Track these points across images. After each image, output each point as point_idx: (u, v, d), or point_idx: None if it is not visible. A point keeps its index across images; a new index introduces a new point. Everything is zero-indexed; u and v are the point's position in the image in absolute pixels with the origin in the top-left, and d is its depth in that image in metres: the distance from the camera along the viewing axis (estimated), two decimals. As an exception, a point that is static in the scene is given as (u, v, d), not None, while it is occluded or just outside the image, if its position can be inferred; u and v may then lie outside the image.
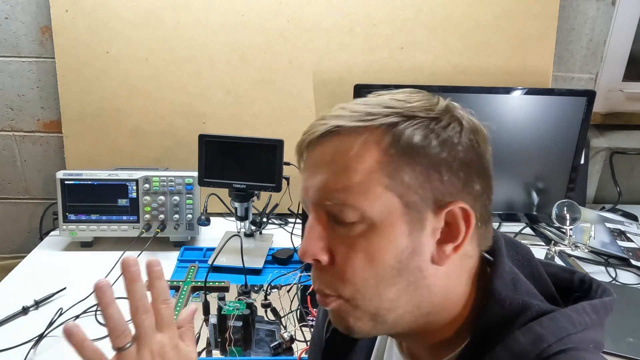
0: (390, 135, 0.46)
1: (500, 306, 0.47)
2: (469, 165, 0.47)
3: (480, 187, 0.48)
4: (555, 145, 1.39)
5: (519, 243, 0.56)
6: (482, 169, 0.49)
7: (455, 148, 0.46)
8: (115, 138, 1.52)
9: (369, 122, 0.46)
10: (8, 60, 1.48)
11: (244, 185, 1.27)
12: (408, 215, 0.46)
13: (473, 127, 0.49)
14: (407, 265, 0.46)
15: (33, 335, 0.99)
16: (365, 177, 0.46)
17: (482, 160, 0.49)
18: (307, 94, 1.52)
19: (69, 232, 1.34)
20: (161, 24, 1.44)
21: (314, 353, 0.71)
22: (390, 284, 0.47)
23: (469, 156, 0.47)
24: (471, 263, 0.50)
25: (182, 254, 1.33)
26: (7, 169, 1.59)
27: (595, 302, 0.48)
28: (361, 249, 0.46)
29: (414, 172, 0.45)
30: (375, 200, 0.45)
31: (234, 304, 1.01)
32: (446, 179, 0.46)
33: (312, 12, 1.45)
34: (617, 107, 1.68)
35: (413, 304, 0.48)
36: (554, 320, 0.45)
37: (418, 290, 0.48)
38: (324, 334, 0.66)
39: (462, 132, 0.47)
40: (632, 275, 1.29)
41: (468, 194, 0.47)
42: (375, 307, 0.48)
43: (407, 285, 0.47)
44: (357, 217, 0.46)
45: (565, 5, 1.52)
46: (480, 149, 0.49)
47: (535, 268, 0.53)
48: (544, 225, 1.51)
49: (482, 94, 1.35)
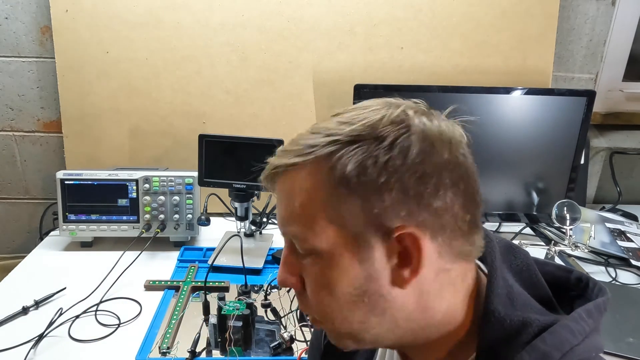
0: (327, 167, 0.45)
1: (500, 325, 0.46)
2: (421, 182, 0.44)
3: (446, 199, 0.44)
4: (555, 145, 1.39)
5: (517, 247, 0.55)
6: (449, 178, 0.45)
7: (399, 169, 0.43)
8: (115, 138, 1.52)
9: (306, 156, 0.46)
10: (8, 60, 1.48)
11: (244, 185, 1.27)
12: (356, 244, 0.45)
13: (433, 137, 0.45)
14: (365, 291, 0.46)
15: (33, 335, 0.99)
16: (308, 211, 0.46)
17: (445, 170, 0.45)
18: (307, 94, 1.52)
19: (69, 232, 1.34)
20: (161, 24, 1.44)
21: (314, 357, 0.71)
22: (354, 309, 0.47)
23: (422, 171, 0.44)
24: (453, 275, 0.48)
25: (182, 254, 1.33)
26: (7, 169, 1.59)
27: (589, 306, 0.48)
28: (318, 278, 0.48)
29: (352, 201, 0.44)
30: (321, 234, 0.46)
31: (234, 304, 1.00)
32: (388, 204, 0.44)
33: (312, 12, 1.45)
34: (617, 107, 1.68)
35: (388, 323, 0.48)
36: (556, 334, 0.45)
37: (387, 312, 0.47)
38: (323, 339, 0.66)
39: (410, 147, 0.44)
40: (632, 275, 1.29)
41: (425, 211, 0.44)
42: (347, 329, 0.49)
43: (373, 308, 0.47)
44: (308, 250, 0.47)
45: (565, 5, 1.52)
46: (443, 158, 0.45)
47: (534, 273, 0.53)
48: (544, 225, 1.51)
49: (482, 94, 1.35)
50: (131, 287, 1.18)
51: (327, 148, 0.45)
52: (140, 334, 1.01)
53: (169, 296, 1.15)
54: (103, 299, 1.12)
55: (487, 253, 0.52)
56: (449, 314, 0.49)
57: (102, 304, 1.11)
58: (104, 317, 1.08)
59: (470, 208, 0.46)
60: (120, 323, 1.06)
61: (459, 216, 0.45)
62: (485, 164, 1.38)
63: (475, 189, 0.47)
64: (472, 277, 0.50)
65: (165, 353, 0.96)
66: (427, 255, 0.45)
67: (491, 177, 1.40)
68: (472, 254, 0.49)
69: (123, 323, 1.06)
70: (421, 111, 0.48)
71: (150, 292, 1.17)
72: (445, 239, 0.46)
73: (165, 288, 1.17)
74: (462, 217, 0.46)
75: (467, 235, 0.47)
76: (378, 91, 1.36)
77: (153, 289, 1.18)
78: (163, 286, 1.18)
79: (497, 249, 0.52)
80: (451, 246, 0.46)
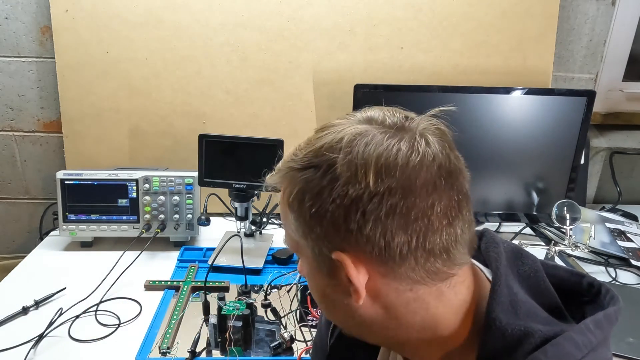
0: (286, 190, 0.49)
1: (501, 334, 0.45)
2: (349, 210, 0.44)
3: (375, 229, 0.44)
4: (555, 145, 1.39)
5: (526, 253, 0.54)
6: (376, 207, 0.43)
7: (326, 200, 0.45)
8: (115, 138, 1.52)
9: (278, 177, 0.51)
10: (8, 60, 1.48)
11: (244, 185, 1.27)
12: (314, 258, 0.50)
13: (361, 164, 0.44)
14: (333, 299, 0.51)
15: (33, 335, 0.99)
16: (285, 221, 0.52)
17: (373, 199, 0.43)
18: (307, 94, 1.52)
19: (69, 232, 1.34)
20: (161, 24, 1.44)
21: (317, 357, 0.71)
22: (330, 312, 0.54)
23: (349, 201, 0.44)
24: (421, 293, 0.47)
25: (182, 254, 1.33)
26: (7, 169, 1.59)
27: (598, 316, 0.46)
28: (305, 274, 0.54)
29: (298, 224, 0.49)
30: (293, 241, 0.52)
31: (234, 304, 1.00)
32: (320, 233, 0.46)
33: (312, 12, 1.45)
34: (617, 107, 1.68)
35: (363, 327, 0.51)
36: (558, 347, 0.43)
37: (356, 319, 0.50)
38: (329, 340, 0.66)
39: (338, 177, 0.44)
40: (632, 275, 1.29)
41: (353, 240, 0.45)
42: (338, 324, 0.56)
43: (345, 314, 0.51)
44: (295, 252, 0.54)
45: (565, 5, 1.52)
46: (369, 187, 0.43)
47: (542, 280, 0.51)
48: (544, 225, 1.51)
49: (482, 94, 1.35)
50: (131, 287, 1.18)
51: (288, 174, 0.49)
52: (140, 334, 1.01)
53: (169, 296, 1.15)
54: (103, 299, 1.12)
55: (493, 259, 0.51)
56: (431, 324, 0.48)
57: (102, 304, 1.11)
58: (104, 317, 1.08)
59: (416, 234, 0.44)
60: (120, 323, 1.06)
61: (398, 243, 0.44)
62: (485, 164, 1.39)
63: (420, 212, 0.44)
64: (465, 291, 0.49)
65: (165, 353, 0.96)
66: (358, 281, 0.46)
67: (491, 177, 1.40)
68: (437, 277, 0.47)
69: (123, 323, 1.06)
70: (387, 126, 0.46)
71: (150, 292, 1.17)
72: (387, 264, 0.45)
73: (165, 288, 1.17)
74: (402, 244, 0.44)
75: (418, 261, 0.45)
76: (378, 91, 1.36)
77: (153, 289, 1.18)
78: (163, 286, 1.18)
79: (503, 255, 0.51)
80: (397, 272, 0.46)
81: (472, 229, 0.49)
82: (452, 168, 0.46)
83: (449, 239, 0.46)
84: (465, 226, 0.47)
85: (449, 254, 0.46)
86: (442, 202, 0.45)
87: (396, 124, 0.47)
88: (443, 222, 0.45)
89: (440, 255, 0.46)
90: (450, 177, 0.46)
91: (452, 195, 0.45)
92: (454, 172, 0.46)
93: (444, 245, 0.45)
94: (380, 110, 0.49)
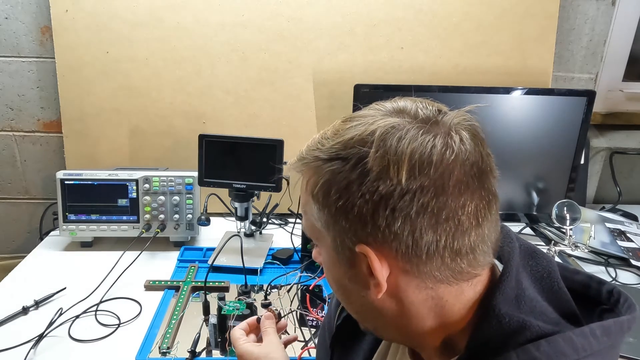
0: (309, 180, 0.49)
1: (498, 321, 0.45)
2: (378, 205, 0.43)
3: (403, 226, 0.43)
4: (555, 145, 1.39)
5: (541, 253, 0.53)
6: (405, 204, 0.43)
7: (355, 193, 0.44)
8: (115, 138, 1.52)
9: (303, 166, 0.50)
10: (8, 60, 1.48)
11: (244, 185, 1.27)
12: (335, 249, 0.49)
13: (394, 159, 0.43)
14: (350, 290, 0.51)
15: (33, 335, 0.99)
16: (306, 209, 0.51)
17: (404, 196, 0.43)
18: (307, 94, 1.52)
19: (69, 232, 1.34)
20: (161, 24, 1.44)
21: (323, 338, 0.72)
22: (346, 302, 0.54)
23: (379, 196, 0.43)
24: (441, 292, 0.47)
25: (182, 254, 1.33)
26: (7, 169, 1.59)
27: (608, 323, 0.45)
28: (324, 263, 0.53)
29: (323, 215, 0.48)
30: (314, 229, 0.51)
31: (234, 304, 1.01)
32: (346, 225, 0.46)
33: (312, 12, 1.45)
34: (617, 107, 1.68)
35: (378, 321, 0.51)
36: (553, 343, 0.42)
37: (372, 311, 0.50)
38: (335, 321, 0.67)
39: (369, 170, 0.43)
40: (632, 275, 1.29)
41: (380, 234, 0.44)
42: (352, 314, 0.55)
43: (360, 305, 0.51)
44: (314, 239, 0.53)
45: (565, 5, 1.52)
46: (402, 182, 0.43)
47: (556, 282, 0.50)
48: (544, 225, 1.51)
49: (482, 94, 1.35)
50: (131, 287, 1.18)
51: (313, 163, 0.48)
52: (140, 334, 1.01)
53: (169, 296, 1.15)
54: (103, 299, 1.12)
55: (506, 253, 0.51)
56: (443, 318, 0.49)
57: (102, 304, 1.11)
58: (104, 317, 1.08)
59: (445, 233, 0.44)
60: (120, 323, 1.06)
61: (426, 242, 0.44)
62: (485, 164, 1.39)
63: (450, 212, 0.43)
64: (480, 287, 0.49)
65: (165, 353, 0.96)
66: (381, 275, 0.46)
67: (491, 177, 1.40)
68: (461, 277, 0.47)
69: (123, 323, 1.06)
70: (420, 120, 0.45)
71: (150, 292, 1.16)
72: (412, 262, 0.45)
73: (165, 288, 1.17)
74: (430, 243, 0.44)
75: (444, 260, 0.45)
76: (378, 91, 1.37)
77: (153, 289, 1.18)
78: (163, 286, 1.18)
79: (516, 252, 0.51)
80: (421, 270, 0.45)
81: (497, 228, 0.49)
82: (484, 166, 0.46)
83: (476, 240, 0.45)
84: (492, 226, 0.47)
85: (475, 254, 0.46)
86: (473, 202, 0.44)
87: (430, 117, 0.46)
88: (472, 223, 0.44)
89: (466, 255, 0.45)
90: (482, 176, 0.45)
91: (483, 195, 0.45)
92: (485, 170, 0.46)
93: (472, 246, 0.45)
94: (412, 101, 0.48)
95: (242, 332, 0.78)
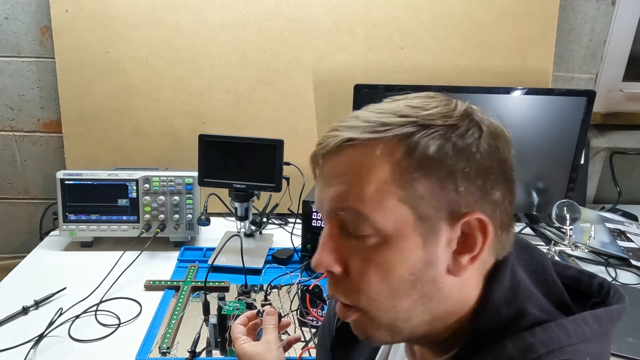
0: (404, 147, 0.44)
1: (496, 312, 0.46)
2: (488, 172, 0.45)
3: (501, 194, 0.46)
4: (555, 145, 1.39)
5: (535, 248, 0.54)
6: (503, 175, 0.47)
7: (472, 157, 0.45)
8: (115, 138, 1.52)
9: (382, 133, 0.45)
10: (8, 60, 1.48)
11: (244, 185, 1.27)
12: (422, 227, 0.45)
13: (494, 132, 0.47)
14: (421, 277, 0.46)
15: (33, 335, 0.99)
16: (379, 188, 0.45)
17: (502, 166, 0.47)
18: (307, 94, 1.52)
19: (69, 232, 1.34)
20: (161, 24, 1.44)
21: (323, 340, 0.72)
22: (404, 296, 0.47)
23: (488, 163, 0.45)
24: (485, 270, 0.49)
25: (182, 254, 1.33)
26: (7, 169, 1.59)
27: (599, 311, 0.47)
28: (374, 262, 0.46)
29: (428, 183, 0.44)
30: (388, 212, 0.45)
31: (234, 304, 1.01)
32: (462, 189, 0.44)
33: (312, 12, 1.45)
34: (617, 107, 1.68)
35: (429, 313, 0.48)
36: (548, 330, 0.44)
37: (433, 301, 0.47)
38: (335, 323, 0.66)
39: (481, 138, 0.46)
40: (632, 275, 1.29)
41: (487, 202, 0.45)
42: (391, 319, 0.48)
43: (422, 296, 0.47)
44: (370, 230, 0.46)
45: (565, 5, 1.52)
46: (502, 154, 0.47)
47: (549, 274, 0.51)
48: (544, 225, 1.51)
49: (482, 94, 1.35)
50: (131, 287, 1.18)
51: (406, 128, 0.45)
52: (140, 334, 1.01)
53: (169, 296, 1.15)
54: (103, 299, 1.12)
55: None
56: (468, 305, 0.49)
57: (102, 304, 1.11)
58: (104, 317, 1.08)
59: (511, 205, 0.48)
60: (120, 323, 1.06)
61: (507, 211, 0.48)
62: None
63: (513, 189, 0.49)
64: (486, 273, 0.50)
65: (165, 353, 0.96)
66: (490, 242, 0.46)
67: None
68: (503, 251, 0.49)
69: (123, 323, 1.06)
70: (478, 109, 0.49)
71: (150, 292, 1.17)
72: (498, 230, 0.47)
73: (165, 288, 1.17)
74: (509, 213, 0.48)
75: (507, 230, 0.48)
76: (378, 91, 1.37)
77: (153, 289, 1.18)
78: (163, 286, 1.18)
79: (513, 245, 0.52)
80: (496, 240, 0.47)
81: None
82: None
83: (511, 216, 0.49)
84: None
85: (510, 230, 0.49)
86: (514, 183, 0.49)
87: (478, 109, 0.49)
88: (513, 200, 0.49)
89: (508, 228, 0.49)
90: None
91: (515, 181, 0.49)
92: None
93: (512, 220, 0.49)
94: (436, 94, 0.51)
95: (241, 329, 0.79)
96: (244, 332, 0.79)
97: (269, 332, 0.78)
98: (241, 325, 0.80)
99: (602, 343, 0.47)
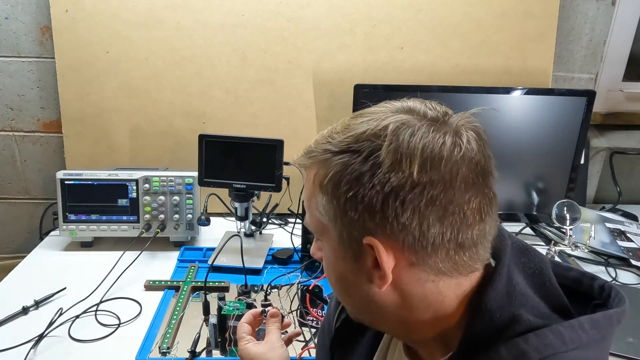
0: (317, 172, 0.50)
1: (489, 317, 0.46)
2: (388, 197, 0.45)
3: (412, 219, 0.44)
4: (555, 145, 1.39)
5: (533, 251, 0.54)
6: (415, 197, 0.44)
7: (366, 185, 0.45)
8: (115, 138, 1.52)
9: (310, 159, 0.51)
10: (8, 60, 1.48)
11: (244, 185, 1.27)
12: (340, 242, 0.50)
13: (406, 153, 0.44)
14: (352, 283, 0.51)
15: (33, 335, 0.99)
16: (310, 204, 0.52)
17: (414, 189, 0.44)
18: (307, 94, 1.52)
19: (69, 232, 1.34)
20: (161, 24, 1.44)
21: (322, 340, 0.73)
22: (345, 295, 0.55)
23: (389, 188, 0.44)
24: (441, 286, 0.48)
25: (182, 254, 1.33)
26: (7, 169, 1.59)
27: (597, 316, 0.46)
28: (324, 257, 0.55)
29: (331, 207, 0.49)
30: (316, 223, 0.52)
31: (234, 304, 1.01)
32: (355, 216, 0.47)
33: (312, 12, 1.45)
34: (617, 107, 1.68)
35: (375, 315, 0.52)
36: (541, 336, 0.43)
37: (371, 305, 0.51)
38: (334, 323, 0.67)
39: (381, 163, 0.45)
40: (632, 275, 1.29)
41: (389, 226, 0.45)
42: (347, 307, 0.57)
43: (360, 299, 0.52)
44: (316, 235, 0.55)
45: (565, 5, 1.52)
46: (413, 176, 0.44)
47: (547, 277, 0.51)
48: (544, 225, 1.51)
49: (482, 94, 1.35)
50: (131, 287, 1.18)
51: (322, 156, 0.49)
52: (140, 334, 1.01)
53: (169, 296, 1.15)
54: (103, 299, 1.12)
55: (498, 250, 0.52)
56: (440, 311, 0.49)
57: (102, 304, 1.11)
58: (104, 317, 1.08)
59: (451, 226, 0.45)
60: (120, 323, 1.06)
61: (432, 234, 0.45)
62: (485, 164, 1.39)
63: (457, 207, 0.45)
64: (475, 281, 0.50)
65: (165, 353, 0.96)
66: (388, 266, 0.47)
67: (491, 177, 1.40)
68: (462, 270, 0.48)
69: (123, 323, 1.06)
70: (430, 119, 0.47)
71: (150, 292, 1.17)
72: (418, 254, 0.46)
73: (165, 288, 1.17)
74: (436, 235, 0.45)
75: (449, 253, 0.46)
76: (378, 91, 1.37)
77: (153, 289, 1.18)
78: (163, 286, 1.18)
79: (508, 249, 0.52)
80: (426, 262, 0.47)
81: (496, 226, 0.50)
82: (486, 167, 0.48)
83: (479, 235, 0.47)
84: (493, 223, 0.49)
85: (477, 248, 0.48)
86: (477, 199, 0.46)
87: (438, 117, 0.48)
88: (476, 218, 0.46)
89: (469, 249, 0.47)
90: (485, 175, 0.48)
91: (485, 193, 0.47)
92: (488, 170, 0.48)
93: (474, 240, 0.47)
94: (421, 102, 0.50)
95: (247, 329, 0.80)
96: (249, 332, 0.79)
97: (272, 333, 0.78)
98: (247, 324, 0.81)
99: (599, 348, 0.46)
